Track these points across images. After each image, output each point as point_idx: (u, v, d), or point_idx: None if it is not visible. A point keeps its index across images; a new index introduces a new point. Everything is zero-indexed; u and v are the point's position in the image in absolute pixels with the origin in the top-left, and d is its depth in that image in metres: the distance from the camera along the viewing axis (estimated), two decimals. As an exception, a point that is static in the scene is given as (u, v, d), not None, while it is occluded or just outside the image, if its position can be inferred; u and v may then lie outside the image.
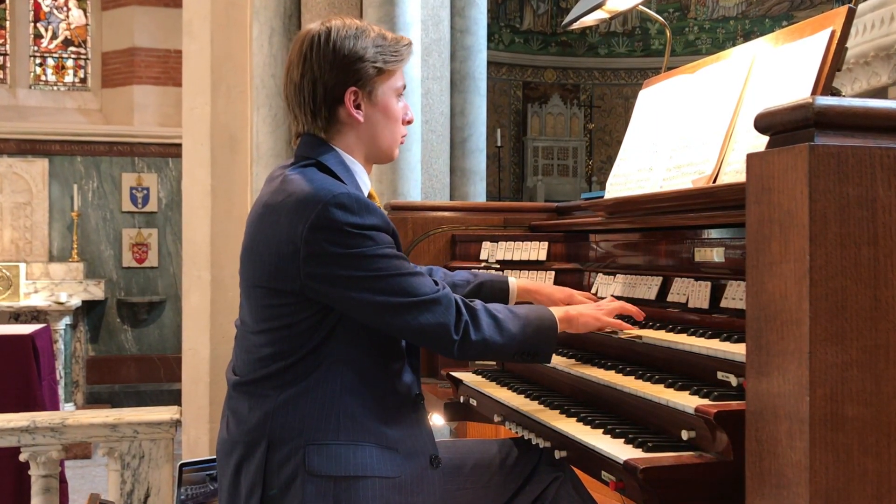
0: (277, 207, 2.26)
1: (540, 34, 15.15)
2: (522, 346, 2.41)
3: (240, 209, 5.47)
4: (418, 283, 2.27)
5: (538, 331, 2.44)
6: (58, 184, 10.78)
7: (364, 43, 2.39)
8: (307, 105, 2.39)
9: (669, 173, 2.78)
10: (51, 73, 11.71)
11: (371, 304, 2.22)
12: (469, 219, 3.75)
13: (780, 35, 2.58)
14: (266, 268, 2.27)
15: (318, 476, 2.22)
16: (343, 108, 2.39)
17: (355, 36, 2.38)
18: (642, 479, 1.92)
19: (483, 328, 2.33)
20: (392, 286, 2.23)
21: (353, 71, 2.37)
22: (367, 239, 2.21)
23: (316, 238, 2.19)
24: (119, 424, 4.17)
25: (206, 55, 5.56)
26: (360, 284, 2.21)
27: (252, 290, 2.34)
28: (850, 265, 1.59)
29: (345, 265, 2.20)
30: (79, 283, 10.40)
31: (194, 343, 5.58)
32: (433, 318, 2.27)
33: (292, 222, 2.21)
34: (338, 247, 2.19)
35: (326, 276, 2.20)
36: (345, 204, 2.20)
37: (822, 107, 1.62)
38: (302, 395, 2.26)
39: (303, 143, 2.43)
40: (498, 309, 2.41)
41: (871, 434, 1.60)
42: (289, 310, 2.26)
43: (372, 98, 2.41)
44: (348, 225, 2.19)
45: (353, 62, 2.37)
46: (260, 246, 2.30)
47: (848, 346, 1.59)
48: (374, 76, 2.40)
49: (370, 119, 2.43)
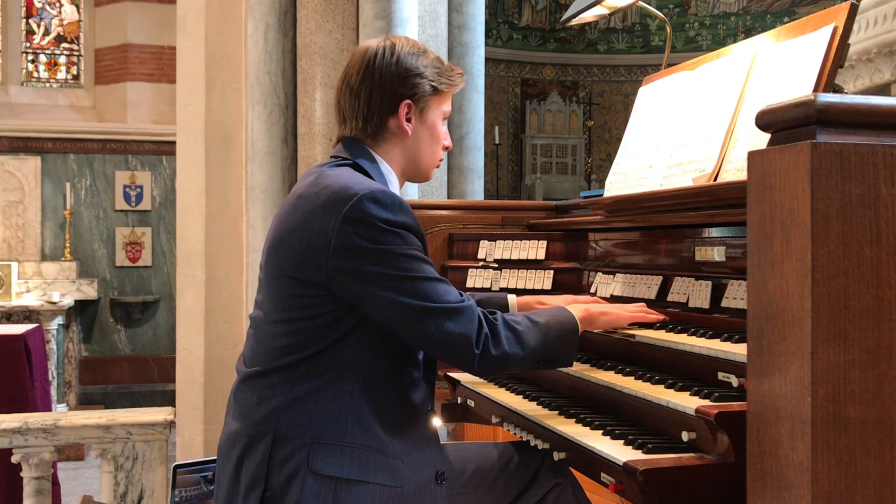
0: (312, 199, 2.30)
1: (538, 30, 15.16)
2: (543, 356, 2.41)
3: (234, 208, 5.47)
4: (444, 290, 2.28)
5: (560, 337, 2.44)
6: (50, 182, 10.77)
7: (425, 62, 2.50)
8: (361, 110, 2.47)
9: (670, 171, 2.78)
10: (43, 70, 11.70)
11: (394, 304, 2.23)
12: (467, 217, 3.75)
13: (782, 31, 2.58)
14: (295, 257, 2.29)
15: (320, 475, 2.23)
16: (394, 119, 2.47)
17: (417, 54, 2.50)
18: (642, 480, 1.92)
19: (503, 343, 2.33)
20: (417, 289, 2.24)
21: (412, 85, 2.47)
22: (397, 237, 2.24)
23: (347, 231, 2.22)
24: (112, 426, 4.17)
25: (200, 52, 5.55)
26: (386, 283, 2.22)
27: (277, 280, 2.35)
28: (852, 264, 1.59)
29: (372, 261, 2.22)
30: (71, 282, 10.39)
31: (188, 343, 5.58)
32: (456, 328, 2.26)
33: (325, 213, 2.25)
34: (367, 241, 2.22)
35: (353, 270, 2.22)
36: (379, 199, 2.24)
37: (825, 104, 1.62)
38: (313, 393, 2.27)
39: (343, 145, 2.51)
40: (517, 321, 2.40)
41: (874, 435, 1.59)
42: (312, 301, 2.28)
43: (423, 114, 2.52)
44: (380, 220, 2.22)
45: (414, 76, 2.47)
46: (291, 236, 2.32)
47: (850, 346, 1.59)
48: (429, 94, 2.50)
49: (417, 134, 2.52)
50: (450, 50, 5.71)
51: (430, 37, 5.42)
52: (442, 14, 5.55)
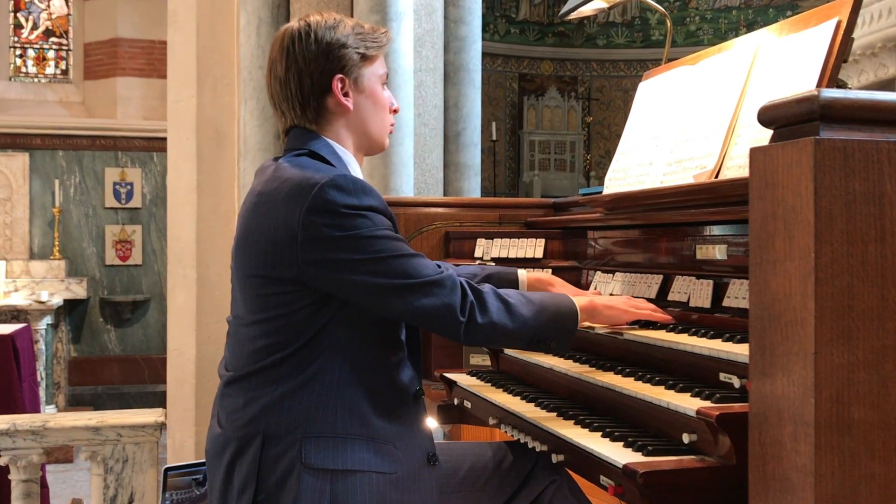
0: (272, 194, 2.29)
1: (536, 24, 15.15)
2: (536, 333, 2.40)
3: (226, 205, 5.47)
4: (419, 265, 2.29)
5: (555, 318, 2.43)
6: (39, 179, 10.76)
7: (344, 31, 2.46)
8: (295, 98, 2.44)
9: (670, 168, 2.78)
10: (31, 65, 11.69)
11: (371, 286, 2.24)
12: (463, 215, 3.75)
13: (785, 25, 2.58)
14: (262, 256, 2.29)
15: (314, 469, 2.24)
16: (331, 98, 2.44)
17: (334, 27, 2.46)
18: (642, 483, 1.92)
19: (491, 311, 2.33)
20: (392, 268, 2.25)
21: (338, 58, 2.43)
22: (365, 219, 2.24)
23: (313, 222, 2.21)
24: (102, 427, 4.16)
25: (191, 46, 5.55)
26: (360, 267, 2.23)
27: (247, 280, 2.35)
28: (856, 263, 1.59)
29: (343, 248, 2.22)
30: (60, 281, 10.39)
31: (179, 343, 5.58)
32: (437, 301, 2.27)
33: (289, 207, 2.24)
34: (335, 230, 2.21)
35: (325, 260, 2.22)
36: (340, 185, 2.23)
37: (828, 99, 1.61)
38: (299, 388, 2.27)
39: (292, 137, 2.48)
40: (509, 293, 2.41)
41: (879, 437, 1.59)
42: (286, 298, 2.28)
43: (358, 84, 2.47)
44: (345, 206, 2.21)
45: (337, 49, 2.43)
46: (255, 234, 2.32)
47: (854, 346, 1.58)
48: (357, 62, 2.46)
49: (359, 106, 2.48)
50: (446, 45, 5.71)
51: (425, 31, 5.42)
52: (438, 8, 5.55)
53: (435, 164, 5.51)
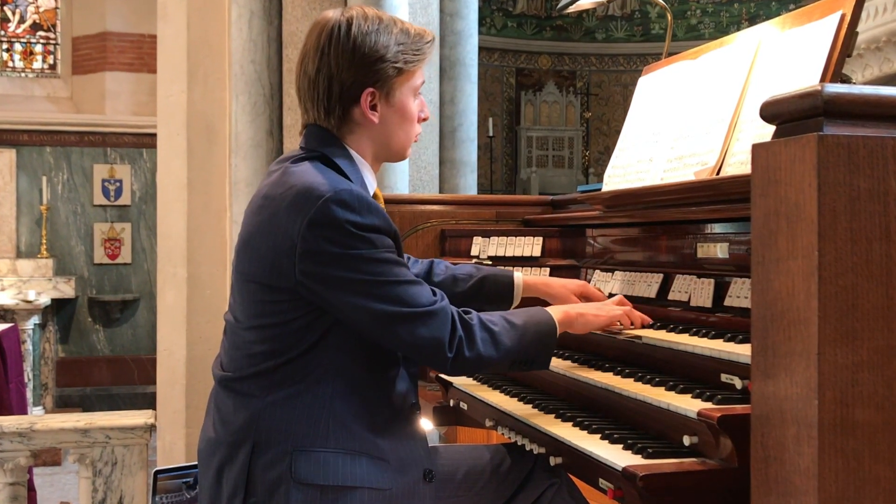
0: (277, 199, 2.27)
1: (534, 18, 15.15)
2: (518, 357, 2.41)
3: (217, 202, 5.46)
4: (416, 293, 2.27)
5: (535, 339, 2.43)
6: (26, 176, 10.74)
7: (386, 41, 2.38)
8: (321, 101, 2.39)
9: (670, 164, 2.78)
10: (18, 59, 11.67)
11: (365, 310, 2.23)
12: (459, 213, 3.75)
13: (787, 19, 2.58)
14: (262, 263, 2.28)
15: (304, 484, 2.23)
16: (358, 109, 2.40)
17: (377, 31, 2.38)
18: (642, 486, 1.92)
19: (478, 345, 2.33)
20: (388, 293, 2.23)
21: (373, 72, 2.37)
22: (366, 241, 2.21)
23: (314, 235, 2.19)
24: (90, 429, 4.16)
25: (181, 40, 5.53)
26: (356, 288, 2.21)
27: (246, 285, 2.34)
28: (861, 261, 1.59)
29: (341, 266, 2.20)
30: (48, 280, 10.37)
31: (170, 344, 5.56)
32: (428, 333, 2.26)
33: (291, 216, 2.21)
34: (336, 246, 2.19)
35: (321, 275, 2.21)
36: (346, 201, 2.20)
37: (832, 95, 1.61)
38: (291, 398, 2.27)
39: (310, 135, 2.44)
40: (494, 321, 2.39)
41: (884, 440, 1.59)
42: (282, 307, 2.27)
43: (389, 99, 2.42)
44: (349, 223, 2.19)
45: (374, 62, 2.37)
46: (256, 239, 2.31)
47: (859, 346, 1.58)
48: (393, 77, 2.40)
49: (385, 120, 2.43)
50: (442, 39, 5.70)
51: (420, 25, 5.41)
52: (433, 1, 5.55)
53: (430, 160, 5.50)
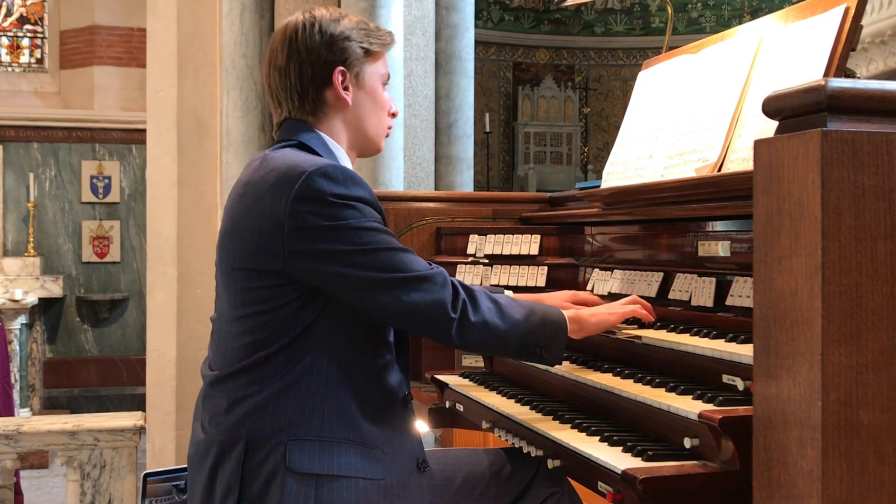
0: (259, 183, 2.31)
1: (531, 11, 15.15)
2: (528, 338, 2.40)
3: (208, 200, 5.46)
4: (409, 260, 2.29)
5: (544, 322, 2.43)
6: (12, 172, 10.73)
7: (349, 25, 2.50)
8: (293, 89, 2.47)
9: (671, 161, 2.78)
10: (5, 54, 11.65)
11: (358, 279, 2.24)
12: (455, 210, 3.75)
13: (791, 12, 2.58)
14: (248, 247, 2.30)
15: (298, 473, 2.24)
16: (331, 90, 2.47)
17: (338, 20, 2.50)
18: (642, 490, 1.92)
19: (483, 310, 2.34)
20: (381, 261, 2.25)
21: (341, 49, 2.47)
22: (353, 209, 2.25)
23: (300, 210, 2.22)
24: (78, 431, 4.16)
25: (172, 34, 5.54)
26: (347, 259, 2.23)
27: (232, 274, 2.35)
28: (865, 260, 1.59)
29: (330, 239, 2.23)
30: (35, 279, 10.36)
31: (159, 344, 5.57)
32: (427, 296, 2.28)
33: (275, 195, 2.25)
34: (322, 219, 2.22)
35: (311, 251, 2.23)
36: (329, 173, 2.25)
37: (836, 89, 1.61)
38: (285, 389, 2.27)
39: (284, 128, 2.50)
40: (499, 295, 2.43)
41: (889, 442, 1.59)
42: (272, 293, 2.28)
43: (359, 80, 2.51)
44: (333, 195, 2.22)
45: (341, 41, 2.47)
46: (241, 225, 2.33)
47: (863, 346, 1.58)
48: (360, 56, 2.50)
49: (357, 102, 2.51)
50: (437, 32, 5.71)
51: (416, 18, 5.41)
52: (429, -6, 5.54)
53: (426, 156, 5.50)
